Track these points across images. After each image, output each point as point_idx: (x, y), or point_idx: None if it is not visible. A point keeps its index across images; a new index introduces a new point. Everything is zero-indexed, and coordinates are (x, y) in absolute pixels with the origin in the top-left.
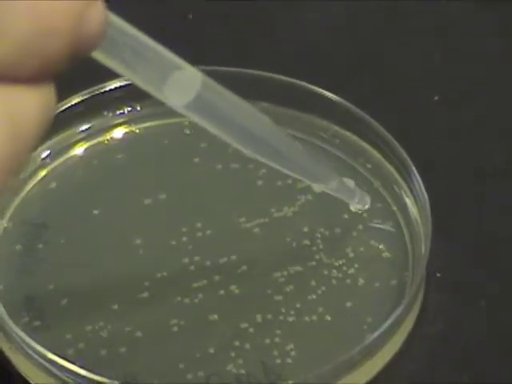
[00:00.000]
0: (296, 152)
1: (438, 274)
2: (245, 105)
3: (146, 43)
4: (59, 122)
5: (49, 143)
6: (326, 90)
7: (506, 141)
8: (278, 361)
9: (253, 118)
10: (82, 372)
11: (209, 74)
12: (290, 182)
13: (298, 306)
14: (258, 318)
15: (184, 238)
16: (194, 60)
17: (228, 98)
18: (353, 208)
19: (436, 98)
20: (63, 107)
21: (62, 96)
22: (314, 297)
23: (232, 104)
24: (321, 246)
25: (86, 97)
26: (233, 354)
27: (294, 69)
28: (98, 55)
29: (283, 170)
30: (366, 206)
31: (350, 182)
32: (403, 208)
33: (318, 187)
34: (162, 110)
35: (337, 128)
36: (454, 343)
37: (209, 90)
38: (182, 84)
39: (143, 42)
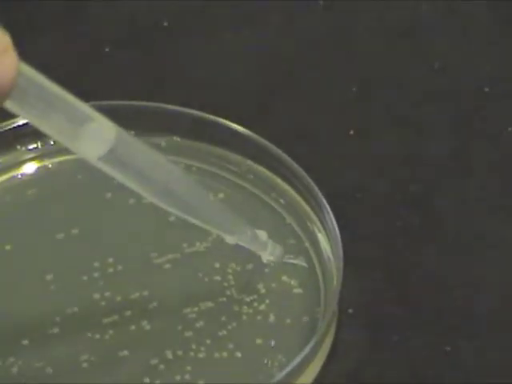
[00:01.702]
0: (209, 205)
1: (350, 310)
2: (158, 158)
3: (59, 94)
4: None
5: None
6: (241, 125)
7: (418, 173)
8: None
9: (166, 171)
10: None
11: (121, 108)
12: None
13: (209, 342)
14: (169, 354)
15: (95, 274)
16: (104, 94)
17: (141, 151)
18: (264, 260)
19: (351, 132)
20: None
21: None
22: (225, 333)
23: (146, 158)
24: (232, 282)
25: None
26: None
27: (206, 103)
28: (9, 105)
29: (195, 222)
30: (278, 259)
31: (263, 234)
32: (315, 243)
33: (230, 239)
34: None
35: (250, 163)
36: (366, 380)
37: (123, 142)
38: (96, 136)
39: (56, 93)
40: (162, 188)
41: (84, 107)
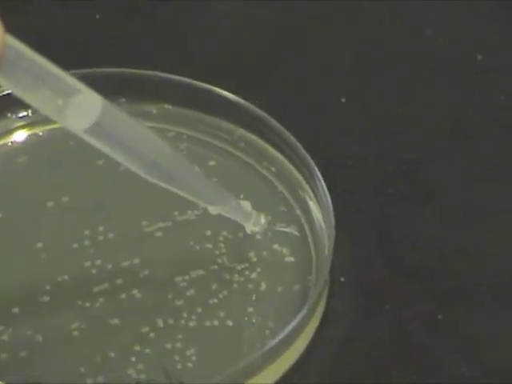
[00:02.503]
0: (192, 177)
1: (342, 279)
2: (144, 131)
3: (45, 66)
4: None
5: None
6: (232, 92)
7: (411, 142)
8: (179, 366)
9: (150, 143)
10: None
11: (112, 75)
12: None
13: (200, 310)
14: (160, 322)
15: (86, 242)
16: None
17: (128, 124)
18: (248, 230)
19: (343, 100)
20: None
21: None
22: (216, 301)
23: (131, 131)
24: (223, 250)
25: None
26: (133, 359)
27: (200, 71)
28: None
29: (179, 192)
30: (261, 228)
31: (247, 204)
32: (307, 212)
33: (213, 209)
34: None
35: (242, 131)
36: (358, 347)
37: (109, 115)
38: (82, 109)
39: (42, 66)
40: (146, 160)
41: (70, 79)
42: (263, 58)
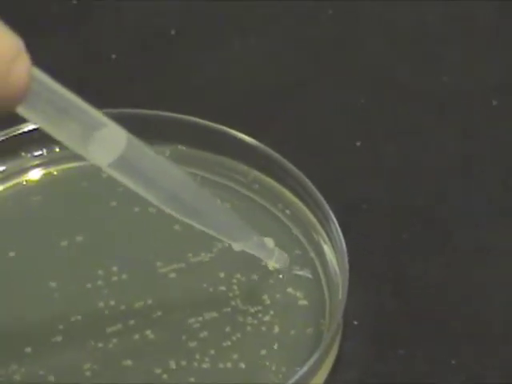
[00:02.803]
0: (216, 212)
1: (356, 322)
2: (168, 165)
3: (71, 100)
4: None
5: None
6: (248, 134)
7: (424, 185)
8: None
9: (175, 178)
10: None
11: (126, 116)
12: None
13: (213, 352)
14: (172, 364)
15: (99, 282)
16: (109, 102)
17: (152, 158)
18: (270, 267)
19: (358, 143)
20: None
21: None
22: (229, 343)
23: (155, 164)
24: (237, 292)
25: (2, 138)
26: None
27: (214, 112)
28: (22, 110)
29: (203, 228)
30: (284, 265)
31: (270, 241)
32: (321, 255)
33: (237, 246)
34: None
35: (257, 173)
36: None
37: (133, 149)
38: (107, 142)
39: (68, 99)
40: (170, 194)
41: (96, 113)
42: (277, 99)
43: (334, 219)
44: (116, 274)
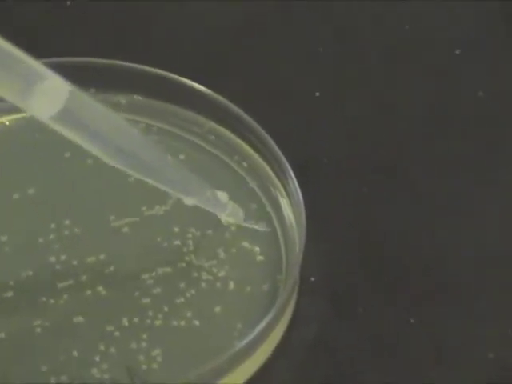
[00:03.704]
0: (166, 166)
1: (313, 279)
2: (113, 116)
3: (10, 52)
4: None
5: None
6: (205, 85)
7: (384, 140)
8: (144, 366)
9: (121, 131)
10: None
11: (81, 65)
12: None
13: (166, 309)
14: (125, 321)
15: (51, 236)
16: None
17: (96, 110)
18: (224, 221)
19: (317, 94)
20: None
21: None
22: (183, 300)
23: (100, 116)
24: (191, 247)
25: None
26: (97, 358)
27: (172, 63)
28: None
29: (153, 182)
30: (238, 220)
31: (223, 196)
32: (278, 209)
33: (189, 200)
34: None
35: (213, 124)
36: (327, 350)
37: (76, 102)
38: (48, 95)
39: (7, 51)
40: (117, 149)
41: (36, 65)
42: (237, 51)
43: (292, 172)
44: (68, 227)
